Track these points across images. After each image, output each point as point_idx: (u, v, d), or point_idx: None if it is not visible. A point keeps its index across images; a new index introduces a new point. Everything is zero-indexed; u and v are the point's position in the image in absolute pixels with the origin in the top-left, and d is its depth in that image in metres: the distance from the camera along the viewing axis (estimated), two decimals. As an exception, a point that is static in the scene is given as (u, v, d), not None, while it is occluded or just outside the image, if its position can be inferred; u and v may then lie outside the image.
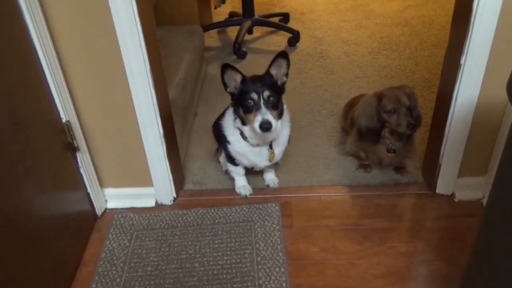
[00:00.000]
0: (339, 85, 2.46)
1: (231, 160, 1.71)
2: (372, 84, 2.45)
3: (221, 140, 1.69)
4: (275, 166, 1.83)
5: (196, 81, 2.37)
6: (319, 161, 1.94)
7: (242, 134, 1.58)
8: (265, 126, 1.41)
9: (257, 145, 1.59)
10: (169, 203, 1.77)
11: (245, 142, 1.60)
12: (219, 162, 1.92)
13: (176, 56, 2.24)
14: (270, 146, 1.61)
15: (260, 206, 1.72)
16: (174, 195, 1.77)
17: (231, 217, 1.68)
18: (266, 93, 1.44)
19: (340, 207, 1.72)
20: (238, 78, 1.46)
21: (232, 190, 1.81)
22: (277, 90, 1.49)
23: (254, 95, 1.44)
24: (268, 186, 1.82)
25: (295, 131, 2.10)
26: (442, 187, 1.72)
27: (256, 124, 1.42)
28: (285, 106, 1.56)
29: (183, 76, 2.09)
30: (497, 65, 1.42)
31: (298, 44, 2.89)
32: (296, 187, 1.82)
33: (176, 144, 1.80)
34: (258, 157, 1.63)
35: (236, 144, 1.62)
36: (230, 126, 1.61)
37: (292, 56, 2.76)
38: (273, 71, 1.49)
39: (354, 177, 1.85)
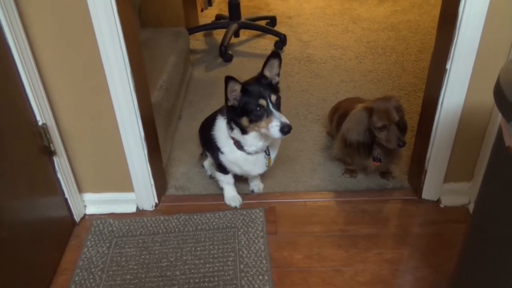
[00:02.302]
0: (325, 89, 2.44)
1: (222, 169, 1.65)
2: (359, 89, 2.43)
3: (212, 150, 1.62)
4: None
5: (180, 84, 2.33)
6: (305, 166, 1.92)
7: (235, 143, 1.53)
8: (287, 129, 1.37)
9: (255, 152, 1.54)
10: (151, 209, 1.72)
11: (239, 152, 1.54)
12: (203, 166, 1.88)
13: (160, 58, 2.20)
14: (266, 152, 1.57)
15: (244, 212, 1.68)
16: (156, 200, 1.73)
17: (214, 223, 1.64)
18: (273, 97, 1.40)
19: (326, 213, 1.70)
20: (238, 88, 1.39)
21: (216, 195, 1.77)
22: (277, 91, 1.45)
23: (263, 101, 1.38)
24: (252, 191, 1.78)
25: (281, 135, 2.08)
26: (428, 193, 1.71)
27: (276, 129, 1.37)
28: None
29: (166, 78, 2.05)
30: (483, 70, 1.42)
31: (285, 48, 2.86)
32: (281, 192, 1.79)
33: (159, 148, 1.76)
34: (253, 165, 1.58)
35: (230, 154, 1.56)
36: (223, 136, 1.55)
37: (278, 60, 2.74)
38: (266, 72, 1.44)
39: (340, 182, 1.83)
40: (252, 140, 1.49)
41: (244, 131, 1.47)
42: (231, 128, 1.49)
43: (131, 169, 1.63)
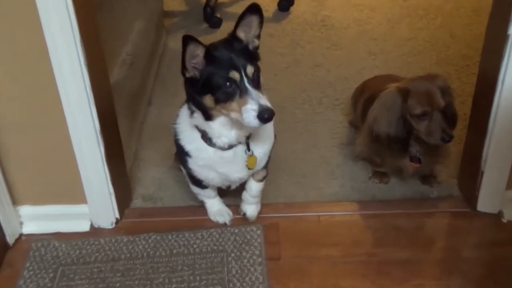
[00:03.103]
0: (346, 65, 2.45)
1: (196, 182, 1.64)
2: (392, 63, 2.44)
3: (178, 153, 1.62)
4: (261, 175, 1.71)
5: (150, 57, 2.34)
6: (318, 168, 1.92)
7: (203, 136, 1.49)
8: (267, 116, 1.30)
9: (229, 146, 1.51)
10: (110, 227, 1.73)
11: (211, 148, 1.50)
12: (180, 170, 1.87)
13: (123, 24, 2.21)
14: (248, 148, 1.55)
15: (236, 230, 1.68)
16: (117, 215, 1.74)
17: (195, 246, 1.64)
18: (250, 69, 1.35)
19: (347, 231, 1.70)
20: (201, 53, 1.34)
21: (198, 208, 1.78)
22: (255, 59, 1.41)
23: (235, 74, 1.33)
24: (244, 214, 1.73)
25: (287, 126, 2.08)
26: (485, 203, 1.71)
27: (251, 115, 1.31)
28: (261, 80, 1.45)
29: (131, 51, 2.06)
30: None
31: (292, 9, 2.87)
32: (285, 203, 1.79)
33: (120, 144, 1.77)
34: (230, 166, 1.54)
35: (199, 155, 1.52)
36: (187, 129, 1.52)
37: (283, 25, 2.75)
38: (240, 34, 1.40)
39: (365, 190, 1.83)
40: (219, 128, 1.44)
41: (208, 116, 1.42)
42: (191, 111, 1.46)
43: (82, 174, 1.63)
